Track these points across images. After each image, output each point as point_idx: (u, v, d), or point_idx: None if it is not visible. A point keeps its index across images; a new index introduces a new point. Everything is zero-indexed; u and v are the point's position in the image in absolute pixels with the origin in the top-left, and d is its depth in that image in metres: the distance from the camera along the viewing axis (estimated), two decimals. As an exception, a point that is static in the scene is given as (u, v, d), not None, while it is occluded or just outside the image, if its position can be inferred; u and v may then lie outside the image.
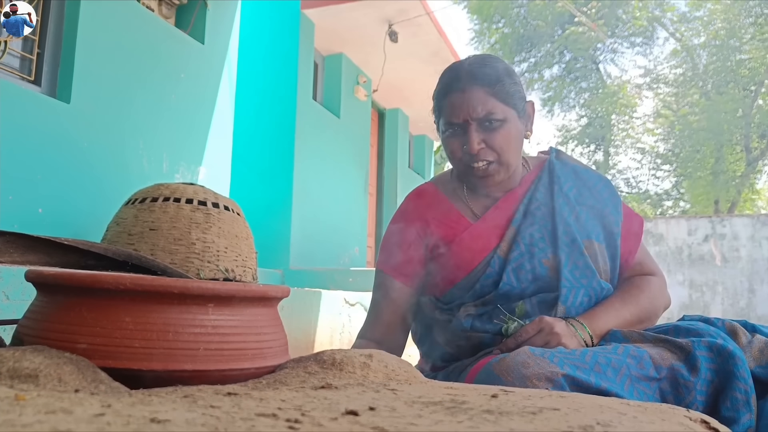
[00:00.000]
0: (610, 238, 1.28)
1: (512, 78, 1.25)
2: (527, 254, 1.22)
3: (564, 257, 1.21)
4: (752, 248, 9.56)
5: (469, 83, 1.22)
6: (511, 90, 1.24)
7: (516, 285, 1.21)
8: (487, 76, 1.22)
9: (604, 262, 1.26)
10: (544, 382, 0.91)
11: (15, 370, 0.56)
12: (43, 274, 0.69)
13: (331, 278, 4.71)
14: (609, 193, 1.33)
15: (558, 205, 1.27)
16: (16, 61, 2.85)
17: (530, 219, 1.26)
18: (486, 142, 1.22)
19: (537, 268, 1.21)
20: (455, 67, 1.28)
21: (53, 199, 2.79)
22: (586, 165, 1.41)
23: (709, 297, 9.71)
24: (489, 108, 1.21)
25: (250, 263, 2.77)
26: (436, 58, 6.61)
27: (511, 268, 1.21)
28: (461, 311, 1.23)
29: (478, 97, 1.21)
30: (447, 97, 1.26)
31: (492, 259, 1.23)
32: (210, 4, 3.93)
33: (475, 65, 1.25)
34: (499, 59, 1.29)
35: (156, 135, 3.42)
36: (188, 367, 0.65)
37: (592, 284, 1.20)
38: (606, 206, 1.30)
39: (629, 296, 1.23)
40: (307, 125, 5.57)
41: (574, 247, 1.23)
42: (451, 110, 1.24)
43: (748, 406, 0.96)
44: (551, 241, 1.24)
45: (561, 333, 1.08)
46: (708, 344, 1.01)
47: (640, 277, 1.30)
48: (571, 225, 1.25)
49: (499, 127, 1.22)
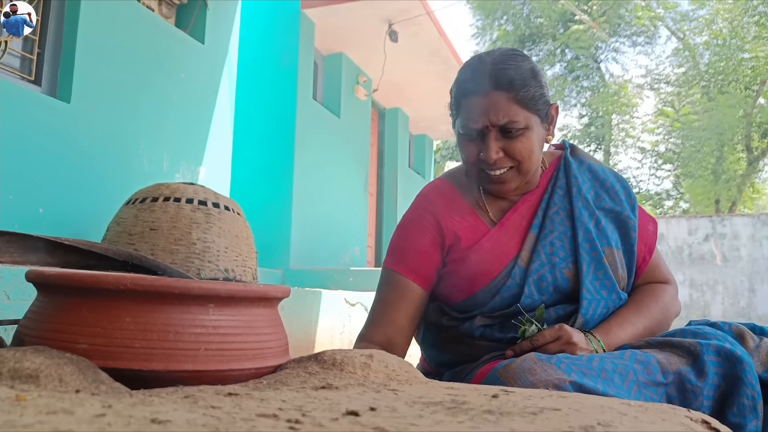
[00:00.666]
0: (627, 243, 1.23)
1: (538, 80, 1.17)
2: (548, 264, 1.17)
3: (585, 268, 1.16)
4: (753, 248, 9.56)
5: (491, 86, 1.13)
6: (536, 94, 1.15)
7: (537, 298, 1.16)
8: (511, 80, 1.13)
9: (623, 269, 1.22)
10: (551, 389, 0.89)
11: (16, 370, 0.56)
12: (43, 274, 0.69)
13: (332, 278, 4.71)
14: (626, 194, 1.28)
15: (577, 210, 1.22)
16: (17, 61, 2.85)
17: (549, 225, 1.21)
18: (505, 150, 1.15)
19: (558, 280, 1.17)
20: (477, 64, 1.18)
21: (54, 198, 2.79)
22: (601, 162, 1.35)
23: (710, 296, 9.72)
24: (511, 116, 1.13)
25: (251, 263, 2.77)
26: (437, 57, 6.61)
27: (532, 280, 1.16)
28: (477, 320, 1.18)
29: (500, 103, 1.13)
30: (466, 99, 1.17)
31: (513, 270, 1.17)
32: (210, 4, 3.93)
33: (499, 65, 1.15)
34: (525, 57, 1.20)
35: (156, 135, 3.42)
36: (189, 368, 0.65)
37: (612, 296, 1.17)
38: (624, 209, 1.25)
39: (644, 308, 1.19)
40: (307, 125, 5.57)
41: (594, 256, 1.18)
42: (469, 113, 1.16)
43: (755, 412, 0.95)
44: (571, 249, 1.19)
45: (579, 344, 1.05)
46: (716, 348, 0.99)
47: (653, 285, 1.26)
48: (591, 231, 1.20)
49: (520, 135, 1.14)
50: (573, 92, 17.26)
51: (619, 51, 16.71)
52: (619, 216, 1.24)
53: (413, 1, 5.59)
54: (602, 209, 1.25)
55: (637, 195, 11.96)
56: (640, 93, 16.71)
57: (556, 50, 16.59)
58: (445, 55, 6.55)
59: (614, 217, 1.24)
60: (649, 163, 17.10)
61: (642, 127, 16.81)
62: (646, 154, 16.97)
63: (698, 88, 15.16)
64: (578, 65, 16.72)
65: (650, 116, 16.95)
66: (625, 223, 1.24)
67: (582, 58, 16.48)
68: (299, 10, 5.53)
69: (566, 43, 15.86)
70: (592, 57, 16.58)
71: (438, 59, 6.63)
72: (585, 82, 17.10)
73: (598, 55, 16.79)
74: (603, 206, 1.25)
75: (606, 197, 1.26)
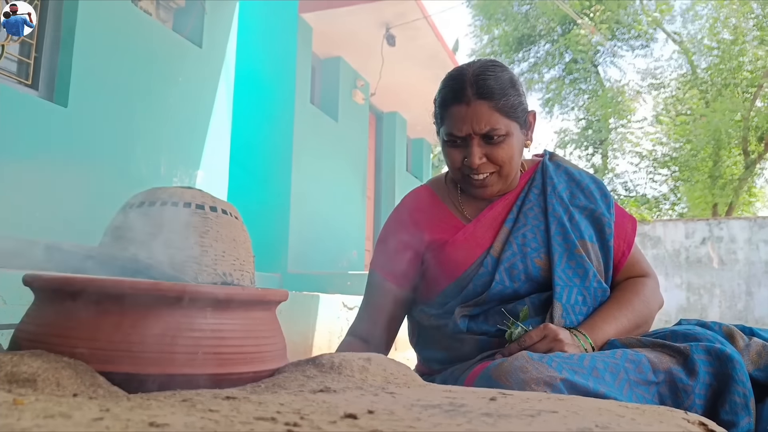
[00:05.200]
0: (602, 239, 1.29)
1: (516, 89, 1.25)
2: (519, 254, 1.24)
3: (557, 257, 1.23)
4: (749, 251, 9.58)
5: (473, 97, 1.21)
6: (515, 102, 1.23)
7: (509, 284, 1.22)
8: (492, 90, 1.21)
9: (598, 261, 1.27)
10: (543, 386, 0.91)
11: (13, 374, 0.56)
12: (40, 278, 0.69)
13: (329, 282, 4.71)
14: (601, 194, 1.34)
15: (551, 206, 1.29)
16: (14, 65, 2.85)
17: (523, 219, 1.28)
18: (487, 156, 1.23)
19: (529, 268, 1.23)
20: (458, 75, 1.26)
21: (50, 202, 2.79)
22: (579, 167, 1.42)
23: (707, 300, 9.73)
24: (493, 123, 1.20)
25: (248, 267, 2.76)
26: (434, 61, 6.62)
27: (503, 268, 1.22)
28: (456, 312, 1.23)
29: (482, 112, 1.20)
30: (449, 108, 1.24)
31: (485, 259, 1.24)
32: (208, 8, 3.94)
33: (479, 76, 1.22)
34: (504, 67, 1.27)
35: (154, 138, 3.42)
36: (187, 371, 0.65)
37: (585, 283, 1.22)
38: (598, 207, 1.31)
39: (625, 302, 1.24)
40: (305, 129, 5.58)
41: (567, 246, 1.24)
42: (453, 122, 1.23)
43: (747, 410, 0.96)
44: (544, 241, 1.25)
45: (565, 340, 1.08)
46: (706, 348, 1.01)
47: (633, 280, 1.31)
48: (565, 225, 1.26)
49: (501, 142, 1.22)
50: (570, 95, 17.29)
51: (617, 55, 16.76)
52: (593, 213, 1.30)
53: (411, 6, 5.60)
54: (577, 207, 1.31)
55: (635, 198, 11.89)
56: (637, 97, 16.75)
57: (554, 52, 16.63)
58: (443, 59, 6.56)
59: (589, 214, 1.31)
60: (647, 167, 17.13)
61: (640, 131, 16.85)
62: (644, 159, 17.00)
63: (695, 91, 15.20)
64: (576, 68, 16.76)
65: (648, 120, 16.99)
66: (600, 220, 1.30)
67: (580, 62, 16.52)
68: (297, 14, 5.54)
69: (565, 45, 15.91)
70: (591, 60, 16.62)
71: (435, 63, 6.64)
72: (583, 85, 17.14)
73: (597, 58, 16.83)
74: (577, 204, 1.31)
75: (581, 196, 1.33)
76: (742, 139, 14.10)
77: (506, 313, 1.19)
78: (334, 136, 6.22)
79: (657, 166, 16.63)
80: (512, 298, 1.23)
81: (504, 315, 1.19)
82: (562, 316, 1.17)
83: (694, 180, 14.79)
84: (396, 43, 6.00)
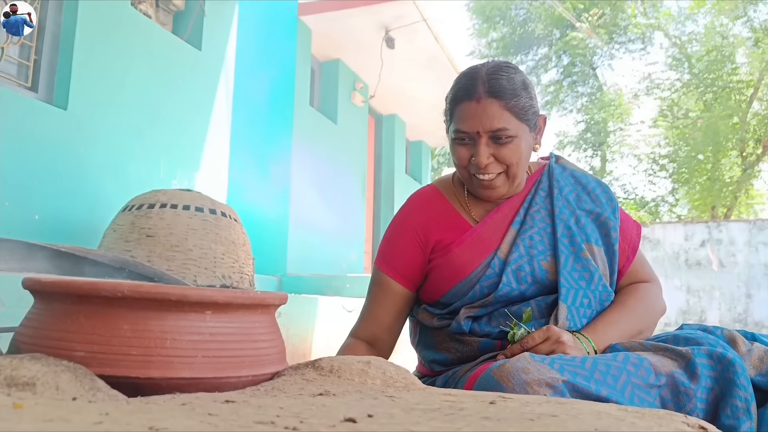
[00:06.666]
0: (608, 242, 1.29)
1: (528, 92, 1.24)
2: (527, 256, 1.24)
3: (563, 259, 1.23)
4: (749, 253, 9.59)
5: (484, 95, 1.21)
6: (526, 104, 1.23)
7: (515, 286, 1.22)
8: (504, 90, 1.21)
9: (603, 265, 1.27)
10: (545, 388, 0.91)
11: (12, 378, 0.56)
12: (40, 281, 0.69)
13: (329, 284, 4.70)
14: (607, 198, 1.34)
15: (558, 209, 1.29)
16: (13, 68, 2.85)
17: (530, 221, 1.28)
18: (495, 156, 1.22)
19: (536, 270, 1.23)
20: (472, 73, 1.26)
21: (50, 205, 2.79)
22: (585, 170, 1.42)
23: (707, 302, 9.73)
24: (502, 123, 1.20)
25: (247, 269, 2.77)
26: (433, 63, 6.63)
27: (510, 270, 1.22)
28: (461, 313, 1.23)
29: (493, 110, 1.20)
30: (460, 105, 1.24)
31: (492, 261, 1.24)
32: (207, 11, 3.94)
33: (492, 75, 1.22)
34: (517, 70, 1.27)
35: (153, 141, 3.42)
36: (186, 375, 0.65)
37: (591, 287, 1.22)
38: (604, 211, 1.31)
39: (628, 307, 1.24)
40: (304, 131, 5.58)
41: (573, 249, 1.24)
42: (462, 119, 1.23)
43: (748, 414, 0.96)
44: (551, 244, 1.26)
45: (567, 343, 1.08)
46: (708, 352, 1.01)
47: (637, 285, 1.31)
48: (571, 228, 1.27)
49: (509, 143, 1.22)
50: (569, 97, 17.32)
51: (615, 57, 16.78)
52: (599, 217, 1.30)
53: (410, 8, 5.61)
54: (583, 210, 1.31)
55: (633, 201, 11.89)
56: (635, 100, 16.77)
57: (552, 55, 16.66)
58: (442, 61, 6.57)
59: (595, 218, 1.31)
60: (646, 170, 17.14)
61: (638, 134, 16.86)
62: (642, 161, 17.01)
63: (694, 94, 15.22)
64: (574, 71, 16.79)
65: (646, 123, 17.01)
66: (606, 224, 1.30)
67: (578, 64, 16.54)
68: (296, 17, 5.54)
69: (563, 48, 15.93)
70: (589, 63, 16.65)
71: (435, 66, 6.64)
72: (581, 87, 17.16)
73: (594, 61, 16.86)
74: (584, 207, 1.32)
75: (587, 199, 1.33)
76: (740, 142, 14.13)
77: (510, 314, 1.19)
78: (334, 139, 6.22)
79: (656, 169, 16.65)
80: (518, 300, 1.23)
81: (507, 317, 1.19)
82: (567, 318, 1.17)
83: (692, 182, 14.82)
84: (395, 46, 6.00)
